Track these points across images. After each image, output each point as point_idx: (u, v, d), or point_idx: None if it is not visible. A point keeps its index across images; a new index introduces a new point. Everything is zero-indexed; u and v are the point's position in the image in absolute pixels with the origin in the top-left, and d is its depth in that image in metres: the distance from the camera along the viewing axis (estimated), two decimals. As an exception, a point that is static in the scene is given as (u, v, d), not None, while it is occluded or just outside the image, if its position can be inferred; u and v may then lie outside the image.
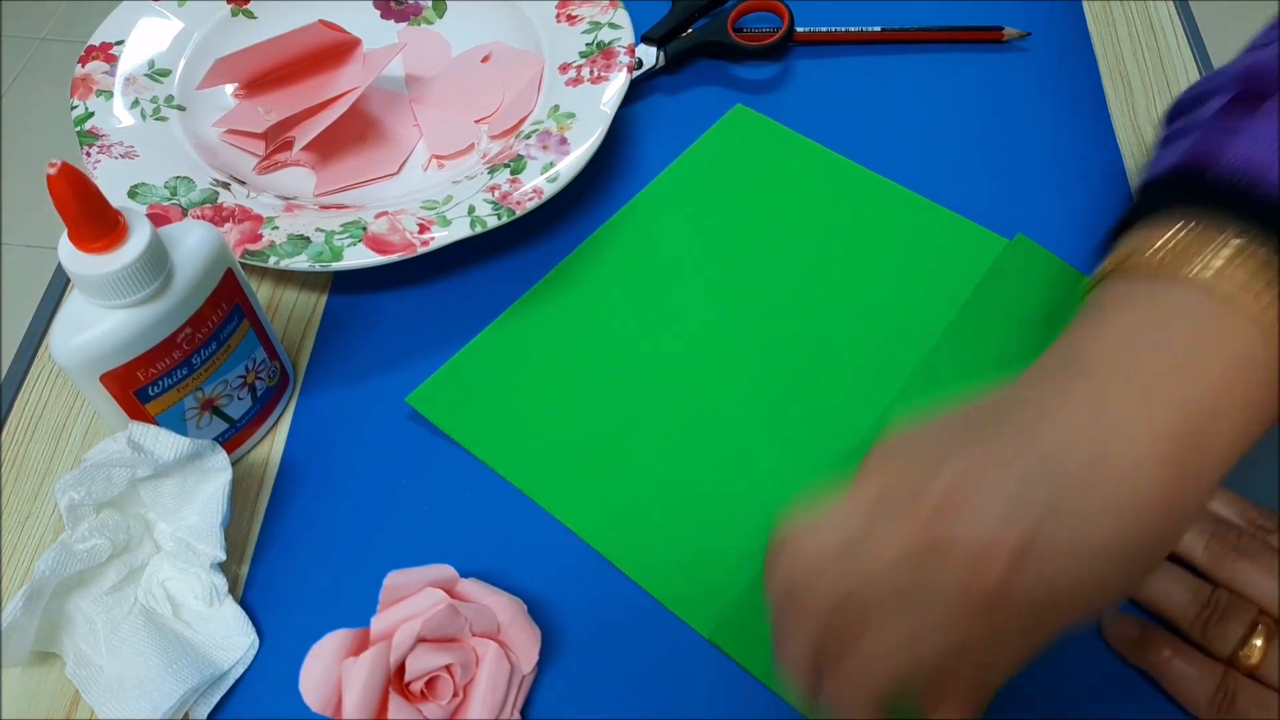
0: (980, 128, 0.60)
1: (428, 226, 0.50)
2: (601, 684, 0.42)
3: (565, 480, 0.46)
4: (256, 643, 0.43)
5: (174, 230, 0.42)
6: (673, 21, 0.63)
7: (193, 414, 0.45)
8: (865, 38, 0.64)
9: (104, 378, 0.41)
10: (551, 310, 0.52)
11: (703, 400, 0.48)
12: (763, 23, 0.65)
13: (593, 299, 0.52)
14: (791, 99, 0.62)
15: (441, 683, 0.40)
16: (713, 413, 0.48)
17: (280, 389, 0.49)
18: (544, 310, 0.52)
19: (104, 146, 0.54)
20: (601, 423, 0.48)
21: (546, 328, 0.51)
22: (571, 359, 0.50)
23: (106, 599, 0.42)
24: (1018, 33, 0.63)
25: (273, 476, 0.48)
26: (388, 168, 0.57)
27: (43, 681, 0.43)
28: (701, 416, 0.48)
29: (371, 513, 0.47)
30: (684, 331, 0.51)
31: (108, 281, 0.38)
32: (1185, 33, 0.64)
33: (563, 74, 0.57)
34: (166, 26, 0.59)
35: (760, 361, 0.49)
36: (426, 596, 0.40)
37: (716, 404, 0.48)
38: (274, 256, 0.49)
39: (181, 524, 0.43)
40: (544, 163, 0.53)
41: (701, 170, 0.57)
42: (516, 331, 0.51)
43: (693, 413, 0.48)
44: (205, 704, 0.41)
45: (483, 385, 0.49)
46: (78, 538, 0.41)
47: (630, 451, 0.47)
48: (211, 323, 0.43)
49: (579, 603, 0.44)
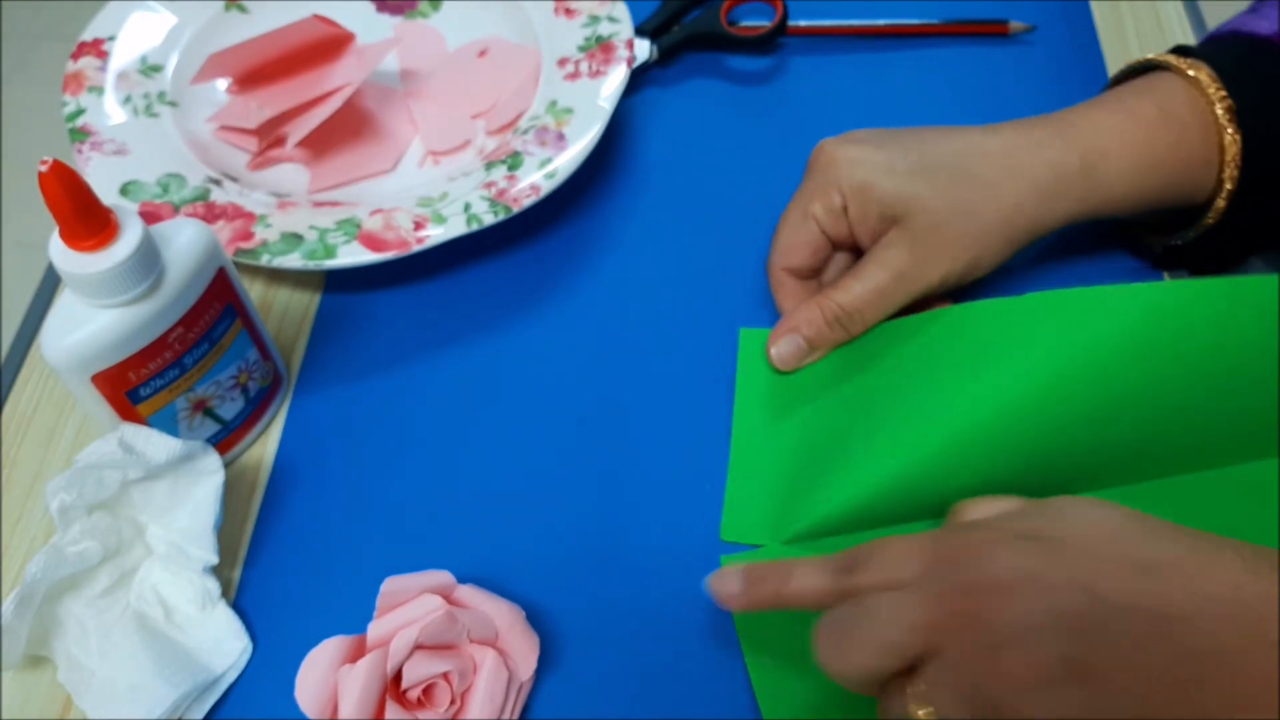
0: (982, 124, 0.59)
1: (423, 224, 0.50)
2: (600, 692, 0.41)
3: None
4: (250, 648, 0.42)
5: (165, 228, 0.41)
6: (665, 14, 0.63)
7: (184, 415, 0.44)
8: (866, 31, 0.63)
9: (95, 378, 0.40)
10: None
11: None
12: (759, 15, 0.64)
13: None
14: (787, 93, 0.61)
15: (439, 690, 0.39)
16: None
17: (273, 390, 0.49)
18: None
19: (95, 143, 0.53)
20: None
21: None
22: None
23: (98, 602, 0.42)
24: (1023, 26, 0.63)
25: (266, 478, 0.47)
26: (383, 164, 0.56)
27: (35, 685, 0.42)
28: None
29: (367, 516, 0.46)
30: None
31: (99, 280, 0.38)
32: (1193, 29, 0.63)
33: (561, 68, 0.56)
34: (159, 21, 0.59)
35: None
36: (424, 603, 0.40)
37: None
38: (267, 255, 0.49)
39: (173, 527, 0.43)
40: (541, 159, 0.52)
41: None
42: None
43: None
44: (198, 709, 0.41)
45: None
46: (69, 540, 0.41)
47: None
48: (203, 322, 0.42)
49: (578, 610, 0.43)
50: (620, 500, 0.46)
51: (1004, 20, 0.63)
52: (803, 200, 0.48)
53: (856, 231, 0.47)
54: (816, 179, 0.48)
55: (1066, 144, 0.45)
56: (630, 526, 0.46)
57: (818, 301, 0.47)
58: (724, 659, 0.42)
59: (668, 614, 0.43)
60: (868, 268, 0.46)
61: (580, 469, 0.47)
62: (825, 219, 0.47)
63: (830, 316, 0.46)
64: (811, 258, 0.49)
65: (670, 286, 0.53)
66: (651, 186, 0.57)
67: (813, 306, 0.47)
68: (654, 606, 0.43)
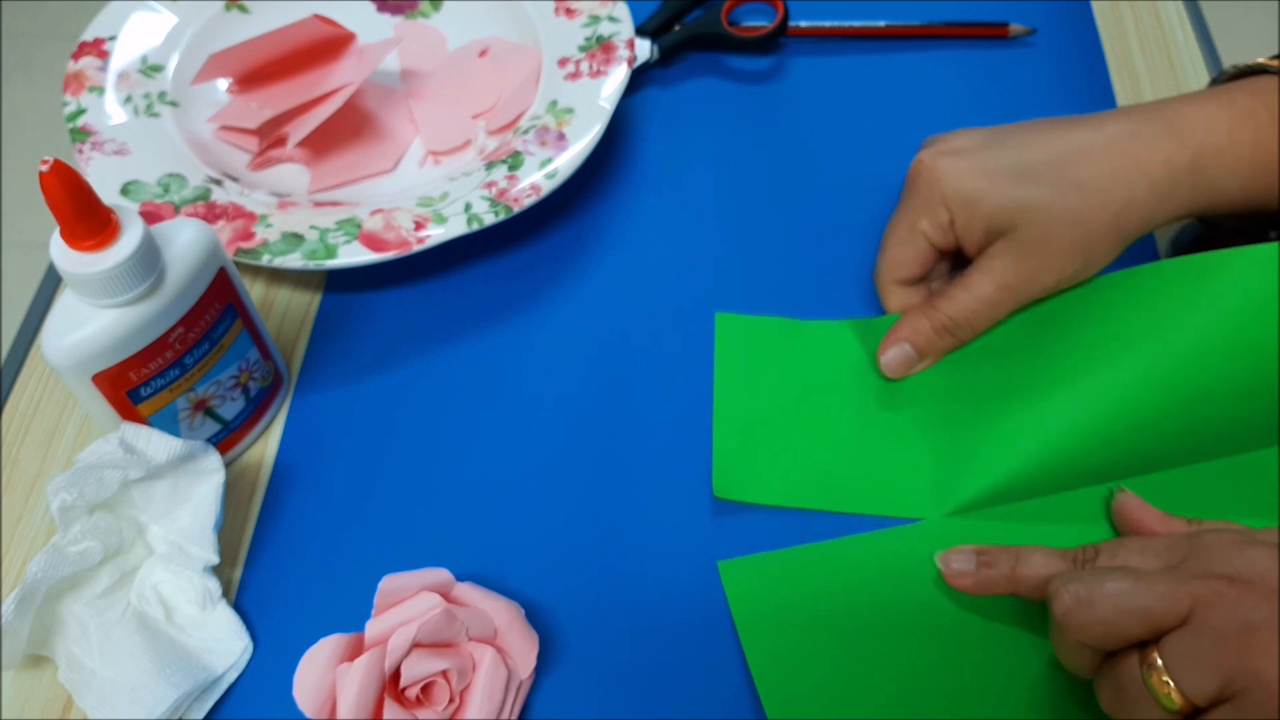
0: (984, 126, 0.59)
1: (423, 224, 0.50)
2: (599, 689, 0.41)
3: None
4: (250, 647, 0.42)
5: (166, 228, 0.41)
6: (666, 14, 0.63)
7: (185, 415, 0.44)
8: (867, 32, 0.63)
9: (96, 378, 0.40)
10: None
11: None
12: (759, 16, 0.64)
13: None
14: (787, 93, 0.61)
15: (438, 688, 0.39)
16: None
17: (274, 389, 0.49)
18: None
19: (96, 143, 0.53)
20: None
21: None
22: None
23: (99, 602, 0.42)
24: (1024, 29, 0.63)
25: (266, 478, 0.47)
26: (383, 164, 0.56)
27: (36, 685, 0.42)
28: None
29: (367, 515, 0.46)
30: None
31: (100, 280, 0.38)
32: (1194, 30, 0.63)
33: (561, 68, 0.56)
34: (160, 21, 0.59)
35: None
36: (422, 601, 0.40)
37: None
38: (267, 255, 0.49)
39: (174, 526, 0.43)
40: (542, 159, 0.52)
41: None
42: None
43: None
44: (199, 709, 0.41)
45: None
46: (70, 540, 0.41)
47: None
48: (204, 322, 0.42)
49: (577, 607, 0.43)
50: (619, 498, 0.46)
51: (1004, 22, 0.63)
52: (909, 216, 0.48)
53: (963, 243, 0.47)
54: (921, 195, 0.47)
55: (1178, 141, 0.44)
56: (630, 525, 0.46)
57: (925, 312, 0.47)
58: (724, 656, 0.42)
59: (667, 611, 0.43)
60: (975, 278, 0.46)
61: (580, 467, 0.47)
62: (933, 234, 0.47)
63: (938, 325, 0.46)
64: (920, 269, 0.49)
65: (670, 286, 0.53)
66: (651, 186, 0.57)
67: (920, 317, 0.47)
68: (653, 604, 0.43)
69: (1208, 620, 0.33)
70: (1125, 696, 0.35)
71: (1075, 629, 0.35)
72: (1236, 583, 0.33)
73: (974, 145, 0.47)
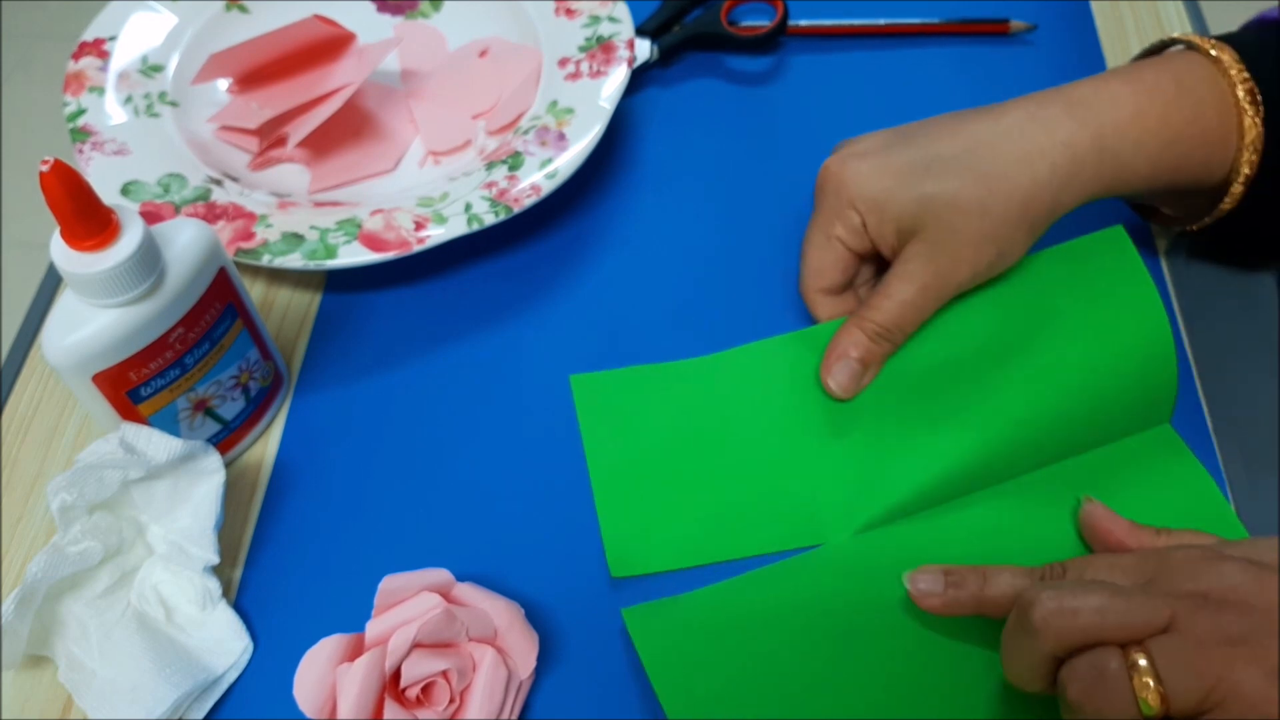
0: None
1: (424, 224, 0.50)
2: (599, 689, 0.41)
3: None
4: (250, 647, 0.42)
5: (166, 228, 0.41)
6: (666, 14, 0.63)
7: (185, 415, 0.44)
8: (867, 30, 0.63)
9: (96, 378, 0.40)
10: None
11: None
12: (759, 15, 0.64)
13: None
14: (787, 93, 0.61)
15: (438, 688, 0.39)
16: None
17: (274, 389, 0.49)
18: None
19: (96, 143, 0.53)
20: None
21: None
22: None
23: (99, 602, 0.42)
24: (1024, 26, 0.63)
25: (267, 478, 0.47)
26: (383, 164, 0.56)
27: (36, 685, 0.42)
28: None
29: (367, 515, 0.46)
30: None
31: (100, 280, 0.38)
32: (1194, 30, 0.63)
33: (561, 68, 0.56)
34: (160, 21, 0.59)
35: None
36: (423, 601, 0.40)
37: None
38: (267, 255, 0.49)
39: (174, 526, 0.43)
40: (542, 159, 0.52)
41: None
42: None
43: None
44: (199, 709, 0.41)
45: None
46: (70, 540, 0.41)
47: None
48: (204, 322, 0.42)
49: (577, 607, 0.43)
50: (620, 500, 0.46)
51: (1005, 20, 0.63)
52: (822, 223, 0.48)
53: (878, 244, 0.47)
54: (830, 200, 0.47)
55: (1078, 123, 0.45)
56: (630, 526, 0.45)
57: (857, 324, 0.46)
58: (724, 658, 0.42)
59: (667, 613, 0.43)
60: (895, 284, 0.46)
61: (579, 466, 0.47)
62: (848, 238, 0.47)
63: (872, 334, 0.46)
64: (842, 275, 0.49)
65: (670, 286, 0.53)
66: (651, 186, 0.57)
67: (853, 329, 0.46)
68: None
69: (1192, 630, 0.32)
70: (1104, 687, 0.33)
71: (1052, 636, 0.34)
72: (1212, 599, 0.33)
73: (879, 146, 0.47)
